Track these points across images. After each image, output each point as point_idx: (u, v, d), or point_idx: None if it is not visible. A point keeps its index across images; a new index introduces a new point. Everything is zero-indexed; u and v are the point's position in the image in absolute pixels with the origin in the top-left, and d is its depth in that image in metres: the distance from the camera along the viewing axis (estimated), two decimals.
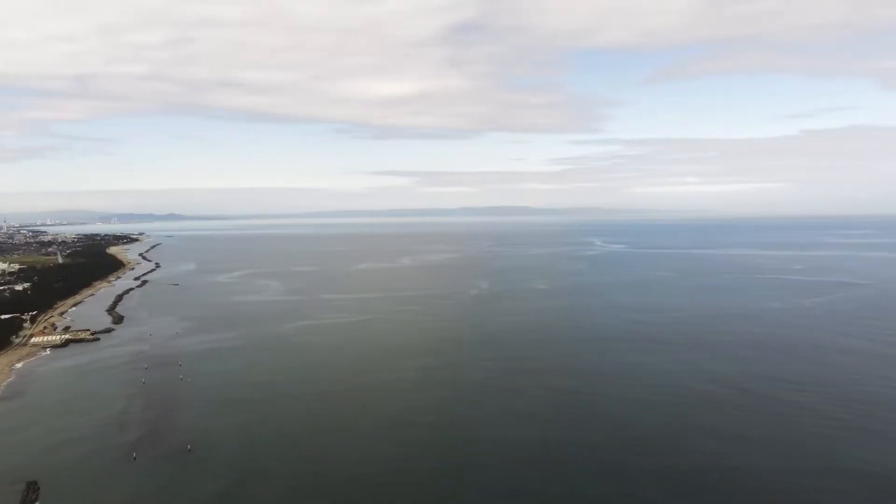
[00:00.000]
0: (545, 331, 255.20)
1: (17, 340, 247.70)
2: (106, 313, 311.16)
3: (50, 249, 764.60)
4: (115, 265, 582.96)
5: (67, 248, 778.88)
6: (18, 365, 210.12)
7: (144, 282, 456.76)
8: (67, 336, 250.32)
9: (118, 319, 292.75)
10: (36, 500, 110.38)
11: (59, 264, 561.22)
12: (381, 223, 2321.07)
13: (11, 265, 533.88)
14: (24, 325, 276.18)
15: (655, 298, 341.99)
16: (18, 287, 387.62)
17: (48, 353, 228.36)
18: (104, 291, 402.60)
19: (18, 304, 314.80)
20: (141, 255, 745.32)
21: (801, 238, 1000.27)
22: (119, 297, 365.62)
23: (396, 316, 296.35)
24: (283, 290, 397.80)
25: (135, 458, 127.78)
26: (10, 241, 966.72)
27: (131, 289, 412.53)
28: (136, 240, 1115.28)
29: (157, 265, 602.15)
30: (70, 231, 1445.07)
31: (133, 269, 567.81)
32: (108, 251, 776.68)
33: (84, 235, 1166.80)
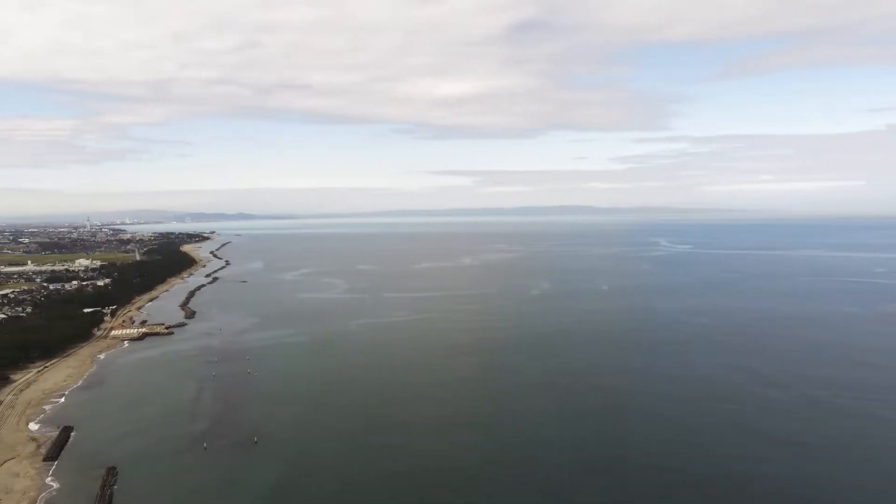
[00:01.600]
0: (605, 332, 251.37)
1: (99, 333, 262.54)
2: (179, 308, 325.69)
3: (128, 247, 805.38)
4: (188, 262, 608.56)
5: (144, 246, 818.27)
6: (101, 356, 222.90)
7: (215, 279, 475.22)
8: (144, 330, 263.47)
9: (190, 314, 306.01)
10: (114, 484, 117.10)
11: (137, 261, 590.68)
12: (442, 223, 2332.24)
13: (94, 261, 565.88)
14: (105, 318, 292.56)
15: (722, 301, 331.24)
16: (100, 282, 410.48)
17: (126, 345, 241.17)
18: (178, 287, 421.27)
19: (100, 298, 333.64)
20: (212, 252, 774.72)
21: (883, 239, 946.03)
22: (191, 294, 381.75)
23: (456, 315, 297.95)
24: (345, 288, 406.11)
25: (205, 448, 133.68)
26: (93, 238, 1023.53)
27: (203, 285, 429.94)
28: (208, 238, 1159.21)
29: (227, 263, 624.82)
30: (147, 229, 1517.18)
31: (204, 266, 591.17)
32: (181, 249, 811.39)
33: (160, 234, 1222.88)
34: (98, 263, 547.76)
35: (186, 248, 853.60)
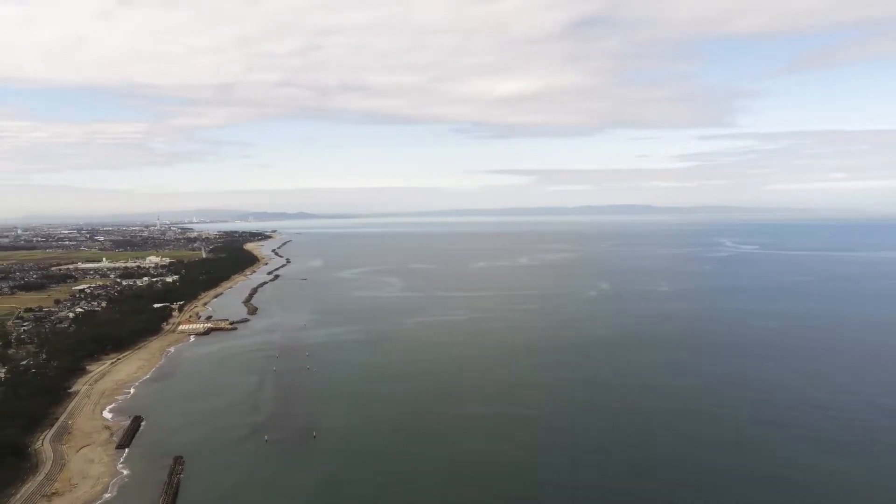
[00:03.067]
0: (665, 335, 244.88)
1: (167, 327, 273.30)
2: (242, 305, 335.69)
3: (195, 245, 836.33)
4: (251, 260, 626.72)
5: (210, 244, 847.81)
6: (170, 350, 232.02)
7: (276, 276, 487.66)
8: (209, 325, 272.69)
9: (253, 311, 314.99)
10: (181, 473, 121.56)
11: (203, 259, 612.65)
12: (499, 222, 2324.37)
13: (163, 259, 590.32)
14: (174, 313, 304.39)
15: (789, 305, 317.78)
16: (168, 279, 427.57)
17: (192, 339, 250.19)
18: (241, 284, 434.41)
19: (168, 294, 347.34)
20: (273, 251, 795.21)
21: None
22: (254, 290, 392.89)
23: (511, 315, 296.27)
24: (402, 287, 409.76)
25: (266, 441, 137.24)
26: (163, 237, 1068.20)
27: (265, 282, 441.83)
28: (270, 237, 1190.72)
29: (288, 261, 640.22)
30: (213, 228, 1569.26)
31: (266, 264, 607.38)
32: (244, 247, 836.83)
33: (224, 232, 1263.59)
34: (167, 260, 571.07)
35: (249, 246, 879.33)
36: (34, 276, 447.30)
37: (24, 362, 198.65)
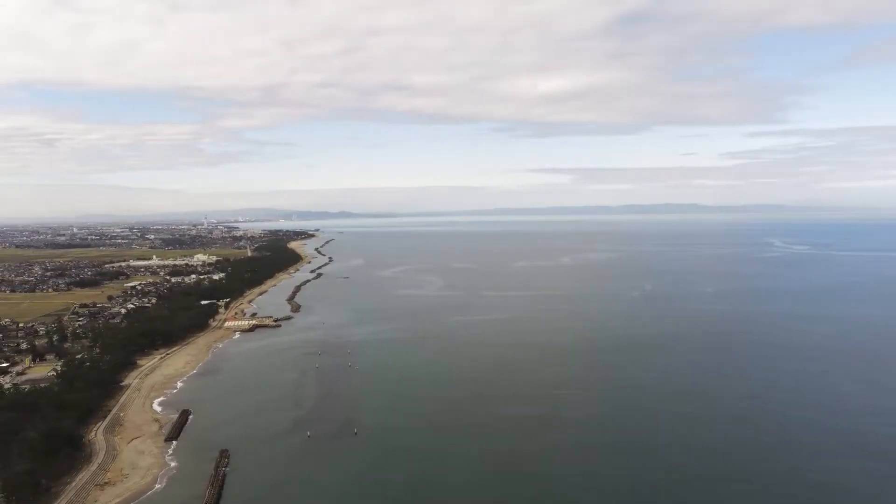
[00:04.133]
0: (710, 338, 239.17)
1: (214, 324, 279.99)
2: (286, 302, 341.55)
3: (241, 243, 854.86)
4: (295, 259, 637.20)
5: (255, 243, 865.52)
6: (216, 346, 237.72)
7: (319, 274, 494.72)
8: (254, 322, 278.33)
9: (296, 308, 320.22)
10: (227, 466, 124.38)
11: (249, 257, 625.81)
12: (541, 221, 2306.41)
13: (210, 257, 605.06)
14: (220, 310, 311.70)
15: (843, 308, 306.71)
16: (215, 276, 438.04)
17: (238, 336, 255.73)
18: (285, 282, 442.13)
19: (215, 291, 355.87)
20: (316, 249, 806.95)
21: None
22: (297, 288, 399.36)
23: (552, 315, 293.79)
24: (442, 286, 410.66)
25: (309, 436, 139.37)
26: (210, 235, 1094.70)
27: (308, 280, 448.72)
28: (313, 236, 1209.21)
29: (330, 259, 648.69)
30: (257, 227, 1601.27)
31: (310, 262, 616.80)
32: (288, 246, 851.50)
33: (269, 231, 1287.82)
34: (214, 258, 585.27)
35: (293, 245, 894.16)
36: (89, 273, 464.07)
37: (79, 356, 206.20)
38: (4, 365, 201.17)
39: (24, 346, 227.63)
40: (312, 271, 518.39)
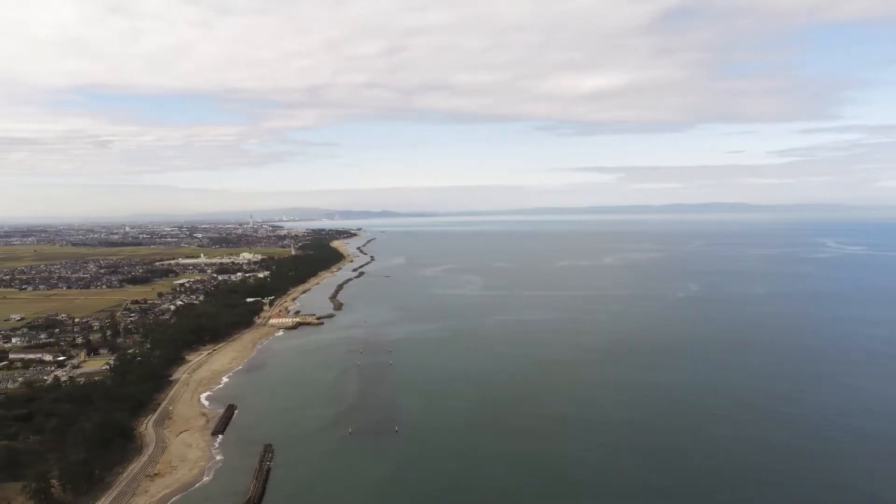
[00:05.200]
0: (758, 341, 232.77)
1: (259, 321, 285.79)
2: (329, 300, 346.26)
3: (285, 242, 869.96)
4: (337, 257, 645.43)
5: (299, 242, 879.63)
6: (261, 342, 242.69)
7: (361, 273, 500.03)
8: (298, 319, 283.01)
9: (338, 306, 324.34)
10: (271, 460, 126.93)
11: (292, 256, 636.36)
12: (583, 220, 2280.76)
13: (255, 255, 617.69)
14: (264, 307, 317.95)
15: None
16: (260, 274, 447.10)
17: (281, 333, 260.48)
18: (327, 280, 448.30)
19: (260, 289, 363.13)
20: (358, 248, 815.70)
21: None
22: (340, 287, 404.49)
23: (594, 315, 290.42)
24: (483, 286, 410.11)
25: (350, 433, 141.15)
26: (255, 234, 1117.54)
27: (350, 279, 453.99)
28: (355, 235, 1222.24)
29: (372, 258, 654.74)
30: (301, 226, 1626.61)
31: (352, 261, 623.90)
32: (331, 245, 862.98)
33: (312, 230, 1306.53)
34: (259, 257, 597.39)
35: (335, 244, 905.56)
36: (140, 271, 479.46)
37: (131, 351, 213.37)
38: (61, 358, 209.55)
39: (79, 340, 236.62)
40: (354, 270, 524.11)
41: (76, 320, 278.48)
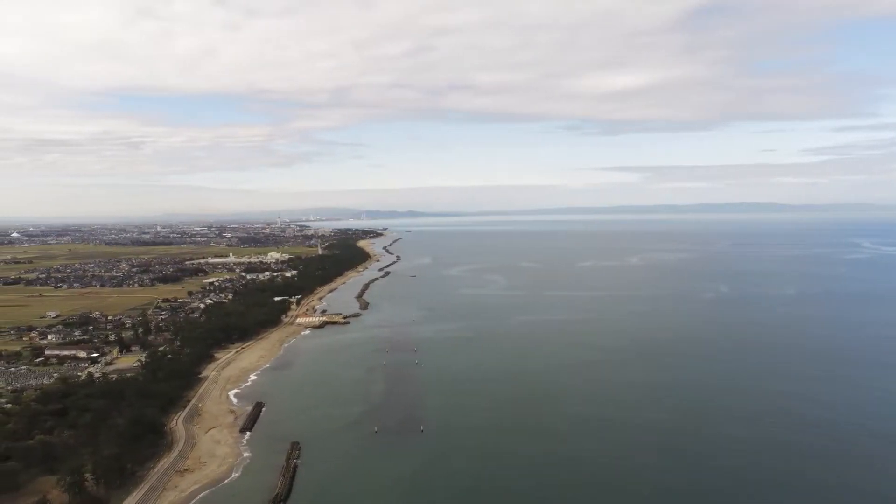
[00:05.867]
0: (789, 344, 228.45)
1: (286, 320, 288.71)
2: (355, 300, 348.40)
3: (312, 242, 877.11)
4: (363, 257, 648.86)
5: (326, 241, 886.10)
6: (291, 341, 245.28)
7: (387, 273, 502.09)
8: (324, 318, 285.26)
9: (365, 306, 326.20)
10: (298, 458, 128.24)
11: (319, 255, 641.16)
12: (610, 220, 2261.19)
13: (283, 255, 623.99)
14: (292, 306, 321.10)
15: None
16: (287, 274, 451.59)
17: (308, 332, 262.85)
18: (354, 280, 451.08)
19: (287, 288, 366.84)
20: (385, 248, 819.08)
21: None
22: (366, 286, 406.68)
23: (618, 316, 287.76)
24: (508, 285, 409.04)
25: (376, 431, 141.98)
26: (283, 234, 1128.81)
27: (376, 279, 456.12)
28: (381, 234, 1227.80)
29: (398, 258, 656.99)
30: (328, 226, 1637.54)
31: (378, 260, 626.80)
32: (357, 244, 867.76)
33: (338, 230, 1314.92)
34: (286, 256, 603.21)
35: (362, 243, 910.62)
36: (170, 270, 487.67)
37: (162, 348, 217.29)
38: (94, 355, 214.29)
39: (112, 337, 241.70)
40: (380, 269, 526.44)
41: (109, 318, 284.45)
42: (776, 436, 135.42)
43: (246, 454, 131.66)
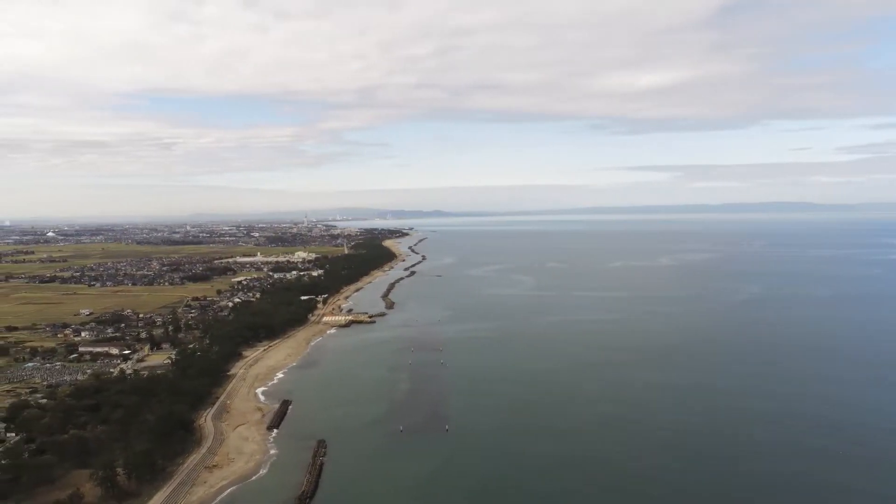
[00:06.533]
0: (821, 347, 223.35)
1: (313, 319, 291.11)
2: (381, 299, 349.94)
3: (338, 241, 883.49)
4: (389, 256, 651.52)
5: (352, 241, 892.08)
6: (317, 339, 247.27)
7: (413, 272, 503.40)
8: (350, 318, 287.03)
9: (390, 305, 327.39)
10: (324, 455, 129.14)
11: (346, 255, 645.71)
12: (638, 220, 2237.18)
13: (310, 254, 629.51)
14: (318, 305, 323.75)
15: None
16: (314, 273, 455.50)
17: (334, 331, 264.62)
18: (380, 279, 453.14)
19: (314, 287, 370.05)
20: (410, 248, 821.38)
21: None
22: (391, 286, 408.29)
23: (648, 317, 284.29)
24: (534, 286, 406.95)
25: (401, 431, 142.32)
26: (309, 233, 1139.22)
27: (402, 278, 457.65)
28: (407, 234, 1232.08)
29: (424, 257, 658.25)
30: (354, 226, 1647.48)
31: (404, 260, 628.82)
32: (383, 244, 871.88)
33: (365, 230, 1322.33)
34: (313, 256, 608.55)
35: (388, 243, 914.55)
36: (200, 269, 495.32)
37: (191, 346, 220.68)
38: (126, 352, 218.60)
39: (143, 335, 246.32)
40: (406, 269, 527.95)
41: (140, 316, 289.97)
42: (801, 440, 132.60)
43: (273, 451, 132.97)
